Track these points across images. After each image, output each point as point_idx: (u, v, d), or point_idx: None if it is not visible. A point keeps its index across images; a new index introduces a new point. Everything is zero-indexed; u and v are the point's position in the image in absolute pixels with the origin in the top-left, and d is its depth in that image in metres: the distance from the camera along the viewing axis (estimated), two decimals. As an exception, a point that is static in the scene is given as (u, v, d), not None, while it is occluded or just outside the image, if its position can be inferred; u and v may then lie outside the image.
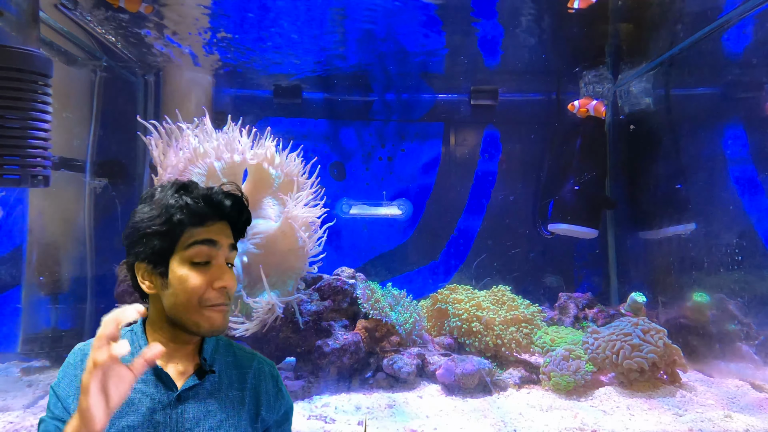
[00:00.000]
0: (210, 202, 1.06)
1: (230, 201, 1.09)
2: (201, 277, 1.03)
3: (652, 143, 4.39)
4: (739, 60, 4.09)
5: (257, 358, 1.19)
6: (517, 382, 3.31)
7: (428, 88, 5.01)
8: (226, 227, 1.09)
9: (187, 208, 1.04)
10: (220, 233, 1.06)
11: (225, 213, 1.08)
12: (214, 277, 1.04)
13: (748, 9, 3.18)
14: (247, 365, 1.16)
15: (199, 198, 1.06)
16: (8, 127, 2.34)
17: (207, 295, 1.03)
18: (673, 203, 4.13)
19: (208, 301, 1.03)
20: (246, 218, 1.13)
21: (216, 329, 1.05)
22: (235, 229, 1.12)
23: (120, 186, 4.21)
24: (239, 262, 2.91)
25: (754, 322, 3.46)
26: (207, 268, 1.05)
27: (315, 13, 3.41)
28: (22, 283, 3.74)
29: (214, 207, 1.06)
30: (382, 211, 5.02)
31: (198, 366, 1.09)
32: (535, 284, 4.86)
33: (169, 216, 1.03)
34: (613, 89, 4.66)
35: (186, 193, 1.06)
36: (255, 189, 3.21)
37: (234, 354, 1.17)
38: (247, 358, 1.17)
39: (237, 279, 2.83)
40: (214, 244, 1.05)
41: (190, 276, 1.03)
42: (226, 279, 1.05)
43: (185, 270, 1.03)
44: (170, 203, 1.04)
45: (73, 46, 3.74)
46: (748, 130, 4.03)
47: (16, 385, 3.22)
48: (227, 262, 1.08)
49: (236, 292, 2.85)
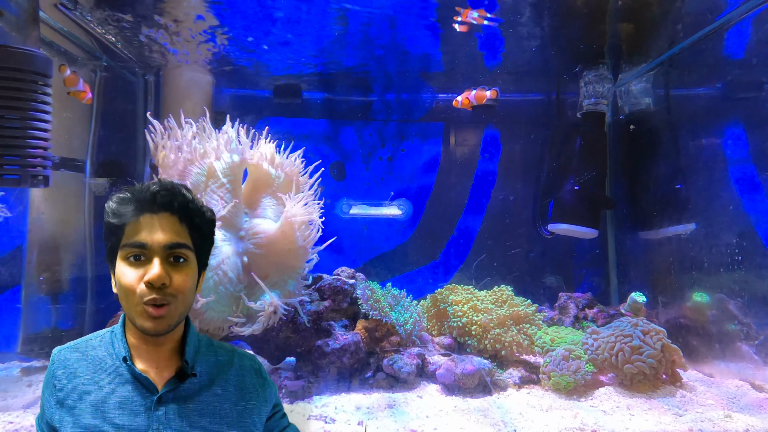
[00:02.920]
0: (138, 199, 1.07)
1: (158, 190, 1.07)
2: (133, 273, 1.03)
3: (652, 143, 4.39)
4: (739, 60, 4.09)
5: (237, 353, 1.20)
6: (517, 382, 3.31)
7: (428, 88, 5.01)
8: (165, 219, 1.06)
9: (114, 210, 1.07)
10: (152, 228, 1.04)
11: (156, 204, 1.06)
12: (145, 271, 1.03)
13: (748, 9, 3.17)
14: (228, 362, 1.17)
15: (130, 198, 1.07)
16: (8, 127, 2.35)
17: (139, 290, 1.02)
18: (673, 203, 4.13)
19: (141, 296, 1.02)
20: (181, 203, 1.08)
21: (146, 328, 1.03)
22: (183, 218, 1.09)
23: (120, 186, 4.21)
24: (239, 262, 2.91)
25: (754, 322, 3.46)
26: (142, 263, 1.04)
27: (315, 13, 3.41)
28: (22, 283, 3.74)
29: (141, 202, 1.06)
30: (382, 211, 5.02)
31: (179, 368, 1.10)
32: (535, 284, 4.86)
33: (105, 220, 1.08)
34: (613, 89, 4.66)
35: (121, 194, 1.09)
36: (255, 189, 3.21)
37: (215, 353, 1.18)
38: (227, 355, 1.18)
39: (238, 279, 2.83)
40: (141, 241, 1.04)
41: (124, 272, 1.04)
42: (151, 273, 1.01)
43: (121, 267, 1.05)
44: (105, 207, 1.09)
45: (73, 46, 3.74)
46: (748, 130, 4.03)
47: (16, 385, 3.22)
48: (172, 256, 1.06)
49: (236, 293, 2.85)
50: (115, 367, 1.07)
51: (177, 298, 1.05)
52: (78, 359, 1.09)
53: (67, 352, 1.11)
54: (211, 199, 2.84)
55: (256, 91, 4.97)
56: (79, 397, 1.04)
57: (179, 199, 1.08)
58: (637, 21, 3.57)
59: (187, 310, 1.10)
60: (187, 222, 1.09)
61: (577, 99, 4.60)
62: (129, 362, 1.07)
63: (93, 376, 1.06)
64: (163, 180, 1.11)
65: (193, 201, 1.11)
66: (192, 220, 1.10)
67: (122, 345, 1.09)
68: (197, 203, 1.12)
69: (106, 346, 1.11)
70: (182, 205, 1.08)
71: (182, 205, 1.08)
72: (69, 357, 1.09)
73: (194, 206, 1.11)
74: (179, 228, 1.07)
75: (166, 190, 1.07)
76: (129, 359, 1.07)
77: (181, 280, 1.05)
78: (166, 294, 1.03)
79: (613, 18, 3.51)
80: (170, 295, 1.03)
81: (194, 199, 1.12)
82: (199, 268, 1.13)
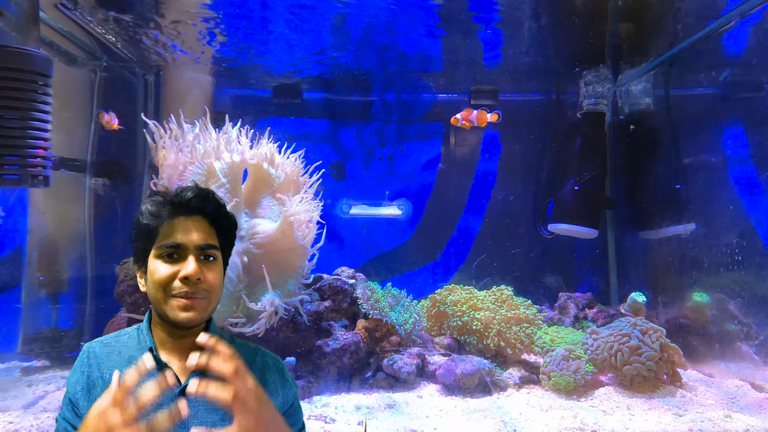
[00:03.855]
0: (173, 203, 1.15)
1: (193, 195, 1.16)
2: (168, 269, 1.11)
3: (652, 143, 4.39)
4: (739, 60, 4.09)
5: (260, 352, 1.26)
6: (517, 382, 3.31)
7: (428, 88, 5.01)
8: (198, 222, 1.16)
9: (151, 212, 1.14)
10: (187, 230, 1.13)
11: (190, 208, 1.15)
12: (179, 268, 1.11)
13: (748, 9, 3.18)
14: (251, 359, 1.22)
15: (165, 202, 1.15)
16: (8, 127, 2.35)
17: (172, 285, 1.10)
18: (673, 203, 4.13)
19: (173, 290, 1.10)
20: (214, 208, 1.18)
21: (180, 319, 1.11)
22: (213, 222, 1.19)
23: (120, 186, 4.21)
24: (239, 262, 2.91)
25: (754, 322, 3.46)
26: (175, 261, 1.12)
27: (315, 13, 3.41)
28: (22, 283, 3.74)
29: (176, 206, 1.14)
30: (382, 211, 5.02)
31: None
32: (535, 284, 4.86)
33: (140, 221, 1.16)
34: (613, 89, 4.66)
35: (155, 198, 1.17)
36: (255, 189, 3.21)
37: (237, 349, 1.19)
38: (250, 352, 1.24)
39: (238, 279, 2.83)
40: (177, 241, 1.12)
41: (159, 268, 1.12)
42: (188, 269, 1.10)
43: (155, 264, 1.13)
44: (141, 209, 1.16)
45: (73, 46, 3.74)
46: (748, 130, 4.03)
47: (16, 385, 3.22)
48: (204, 255, 1.15)
49: (236, 293, 2.85)
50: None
51: (210, 293, 1.14)
52: (108, 353, 1.17)
53: (98, 345, 1.19)
54: (211, 199, 2.84)
55: (256, 91, 4.97)
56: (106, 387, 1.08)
57: (212, 204, 1.18)
58: (637, 21, 3.57)
59: (216, 304, 1.18)
60: (216, 225, 1.19)
61: (577, 99, 4.60)
62: (155, 352, 1.14)
63: (121, 368, 1.11)
64: (196, 186, 1.21)
65: (223, 206, 1.22)
66: (221, 223, 1.20)
67: (148, 338, 1.16)
68: (225, 208, 1.23)
69: (134, 340, 1.19)
70: (214, 209, 1.18)
71: (214, 209, 1.18)
72: (100, 351, 1.17)
73: (224, 211, 1.21)
74: (209, 230, 1.17)
75: (200, 196, 1.17)
76: (155, 350, 1.14)
77: (212, 276, 1.14)
78: (199, 289, 1.11)
79: (613, 18, 3.51)
80: (203, 290, 1.12)
81: (224, 204, 1.23)
82: (225, 263, 1.23)
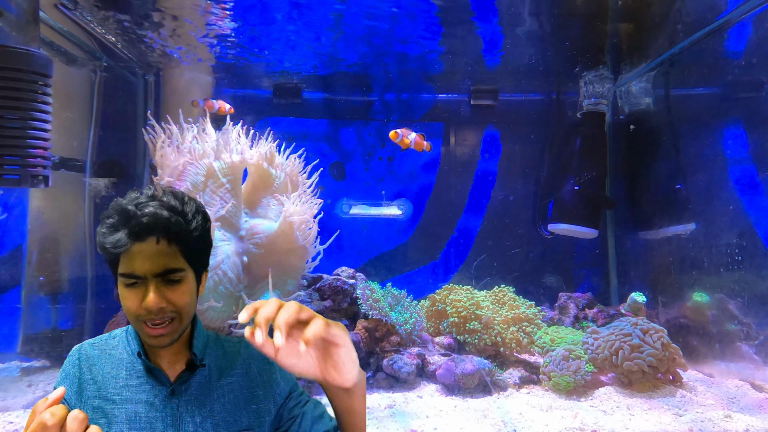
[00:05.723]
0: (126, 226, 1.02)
1: (144, 217, 1.02)
2: (133, 297, 1.04)
3: (652, 143, 4.39)
4: (739, 60, 4.08)
5: (243, 343, 1.22)
6: (517, 382, 3.31)
7: (428, 88, 5.01)
8: (154, 247, 1.03)
9: (106, 241, 1.04)
10: (144, 258, 1.02)
11: (144, 232, 1.02)
12: (143, 294, 1.04)
13: (749, 9, 3.17)
14: (236, 352, 1.20)
15: (119, 224, 1.03)
16: (8, 127, 2.35)
17: (139, 312, 1.04)
18: (673, 203, 4.13)
19: (141, 317, 1.05)
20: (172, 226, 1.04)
21: (151, 343, 1.07)
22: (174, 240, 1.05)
23: (120, 186, 4.21)
24: (239, 262, 2.91)
25: (754, 322, 3.46)
26: (139, 287, 1.04)
27: (315, 13, 3.41)
28: (22, 283, 3.73)
29: (130, 230, 1.02)
30: (382, 211, 5.02)
31: (189, 361, 1.15)
32: (535, 284, 4.86)
33: (100, 245, 1.07)
34: (613, 89, 4.66)
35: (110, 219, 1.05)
36: (255, 189, 3.21)
37: (222, 346, 1.21)
38: (234, 346, 1.22)
39: (238, 279, 2.82)
40: (135, 273, 1.02)
41: (125, 296, 1.05)
42: (147, 302, 1.02)
43: (122, 290, 1.06)
44: (99, 230, 1.08)
45: (73, 46, 3.74)
46: (748, 130, 4.02)
47: (16, 385, 3.22)
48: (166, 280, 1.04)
49: (236, 292, 2.85)
50: (130, 362, 1.14)
51: (179, 312, 1.07)
52: (98, 355, 1.15)
53: (88, 347, 1.17)
54: (210, 199, 2.84)
55: (256, 91, 4.97)
56: (98, 389, 1.11)
57: (162, 223, 1.02)
58: (637, 21, 3.57)
59: (190, 318, 1.12)
60: (176, 242, 1.05)
61: (577, 99, 4.60)
62: (143, 357, 1.12)
63: (112, 371, 1.13)
64: (150, 196, 1.07)
65: (179, 219, 1.05)
66: (180, 238, 1.05)
67: (136, 342, 1.15)
68: (186, 217, 1.07)
69: (123, 343, 1.17)
70: (166, 228, 1.03)
71: (166, 228, 1.03)
72: (90, 352, 1.16)
73: (180, 226, 1.05)
74: (168, 251, 1.04)
75: (150, 215, 1.02)
76: (143, 354, 1.13)
77: (177, 298, 1.06)
78: (165, 314, 1.05)
79: (613, 18, 3.51)
80: (171, 312, 1.06)
81: (181, 214, 1.06)
82: (200, 271, 1.14)
